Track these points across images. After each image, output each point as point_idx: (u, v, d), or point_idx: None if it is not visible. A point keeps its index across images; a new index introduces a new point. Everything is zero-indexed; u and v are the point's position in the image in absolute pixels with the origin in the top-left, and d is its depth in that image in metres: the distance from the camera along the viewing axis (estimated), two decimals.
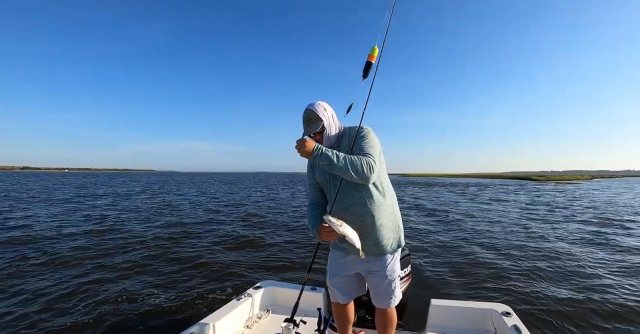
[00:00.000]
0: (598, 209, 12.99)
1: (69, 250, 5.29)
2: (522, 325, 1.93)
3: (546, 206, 13.83)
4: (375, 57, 1.61)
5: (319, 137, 1.58)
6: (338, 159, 1.39)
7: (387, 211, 1.59)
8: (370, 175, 1.45)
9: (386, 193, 1.61)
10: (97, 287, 3.78)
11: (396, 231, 1.63)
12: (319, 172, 1.68)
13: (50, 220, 8.44)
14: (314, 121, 1.54)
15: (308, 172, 1.78)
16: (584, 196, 20.36)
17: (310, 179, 1.77)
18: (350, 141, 1.57)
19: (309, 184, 1.80)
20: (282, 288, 2.55)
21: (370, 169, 1.45)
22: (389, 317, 1.71)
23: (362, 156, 1.47)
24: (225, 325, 2.05)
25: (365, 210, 1.54)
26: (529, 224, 8.75)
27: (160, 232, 7.02)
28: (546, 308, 3.38)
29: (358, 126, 1.60)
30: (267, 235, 6.97)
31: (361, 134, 1.57)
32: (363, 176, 1.44)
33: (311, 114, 1.55)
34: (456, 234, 7.41)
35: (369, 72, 1.62)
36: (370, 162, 1.45)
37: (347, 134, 1.63)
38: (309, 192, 1.81)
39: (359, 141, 1.55)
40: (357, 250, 1.51)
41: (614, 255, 5.54)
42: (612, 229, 8.24)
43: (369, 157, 1.47)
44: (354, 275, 1.73)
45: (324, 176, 1.65)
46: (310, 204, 1.77)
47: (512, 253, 5.59)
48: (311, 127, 1.54)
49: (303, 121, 1.58)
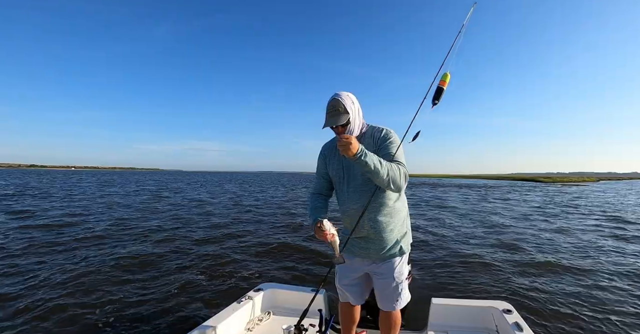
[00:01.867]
0: (606, 209, 12.83)
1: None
2: (524, 322, 1.92)
3: (549, 206, 13.71)
4: (447, 83, 1.59)
5: (341, 130, 1.47)
6: (382, 166, 1.32)
7: (399, 216, 1.58)
8: (404, 186, 1.43)
9: (400, 198, 1.59)
10: (96, 286, 3.80)
11: (405, 236, 1.61)
12: (334, 166, 1.61)
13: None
14: (340, 113, 1.43)
15: (319, 161, 1.70)
16: (591, 197, 20.14)
17: (320, 168, 1.70)
18: (375, 142, 1.51)
19: (317, 173, 1.73)
20: (283, 290, 2.55)
21: (406, 179, 1.42)
22: (393, 319, 1.69)
23: (398, 164, 1.41)
24: (226, 328, 2.05)
25: (378, 215, 1.51)
26: (530, 224, 8.69)
27: (160, 231, 7.04)
28: (547, 305, 3.36)
29: (383, 129, 1.54)
30: (267, 236, 6.96)
31: (389, 138, 1.50)
32: (399, 186, 1.40)
33: (338, 104, 1.43)
34: (457, 232, 7.39)
35: (440, 99, 1.59)
36: (406, 173, 1.42)
37: (371, 134, 1.54)
38: (315, 181, 1.74)
39: (388, 146, 1.48)
40: (334, 256, 1.50)
41: (616, 255, 5.49)
42: (619, 230, 8.14)
43: (403, 167, 1.42)
44: (364, 276, 1.71)
45: (338, 173, 1.59)
46: (313, 194, 1.70)
47: (513, 251, 5.58)
48: (335, 118, 1.43)
49: (327, 110, 1.46)
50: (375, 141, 1.52)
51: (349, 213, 1.57)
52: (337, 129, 1.48)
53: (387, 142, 1.49)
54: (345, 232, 1.68)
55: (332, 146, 1.66)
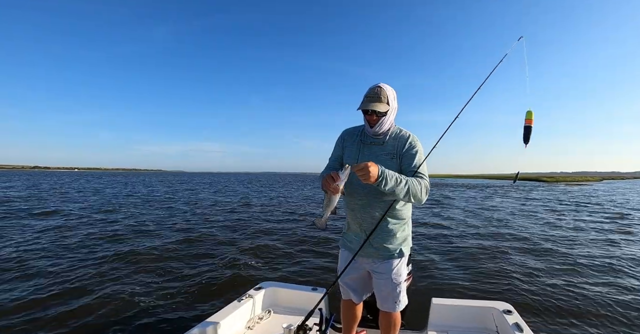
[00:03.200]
0: (607, 209, 12.75)
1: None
2: (524, 323, 1.92)
3: (554, 205, 13.62)
4: (533, 120, 1.65)
5: (376, 119, 1.47)
6: (402, 185, 1.31)
7: (402, 218, 1.59)
8: (425, 199, 1.42)
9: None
10: (95, 285, 3.83)
11: (406, 239, 1.62)
12: (350, 154, 1.60)
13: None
14: (381, 101, 1.43)
15: (337, 143, 1.70)
16: (595, 196, 20.00)
17: (337, 150, 1.69)
18: (399, 146, 1.50)
19: (332, 155, 1.72)
20: (283, 288, 2.55)
21: (427, 193, 1.41)
22: (393, 319, 1.70)
23: (419, 178, 1.41)
24: (226, 326, 2.06)
25: (382, 214, 1.51)
26: (530, 224, 8.65)
27: (161, 230, 7.08)
28: (548, 305, 3.35)
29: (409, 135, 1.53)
30: (267, 235, 6.97)
31: (414, 147, 1.49)
32: (419, 200, 1.40)
33: (382, 93, 1.44)
34: (457, 232, 7.36)
35: (529, 137, 1.64)
36: (427, 186, 1.42)
37: (396, 136, 1.54)
38: (330, 161, 1.71)
39: (413, 155, 1.47)
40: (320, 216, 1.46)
41: (618, 255, 5.44)
42: (623, 230, 8.08)
43: (425, 180, 1.42)
44: (366, 274, 1.71)
45: (352, 162, 1.53)
46: (327, 170, 1.65)
47: (513, 251, 5.56)
48: (376, 104, 1.42)
49: (367, 94, 1.46)
50: (399, 144, 1.51)
51: (353, 208, 1.58)
52: (371, 117, 1.47)
53: (412, 151, 1.48)
54: (346, 227, 1.69)
55: (354, 133, 1.64)
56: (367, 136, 1.58)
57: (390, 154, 1.51)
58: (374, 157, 1.52)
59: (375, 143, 1.56)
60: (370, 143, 1.57)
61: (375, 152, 1.54)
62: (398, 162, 1.50)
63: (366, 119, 1.51)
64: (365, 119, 1.52)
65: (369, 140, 1.57)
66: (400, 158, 1.50)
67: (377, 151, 1.54)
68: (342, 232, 1.76)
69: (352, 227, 1.65)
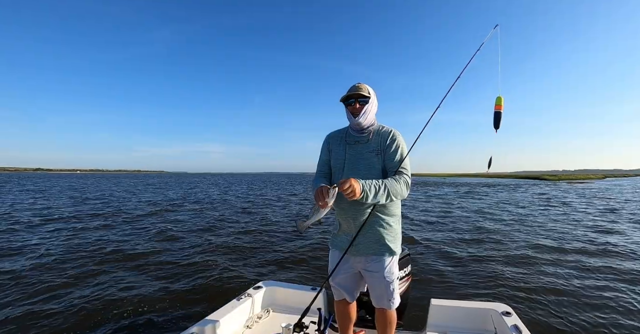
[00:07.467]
0: (609, 208, 12.69)
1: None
2: (522, 325, 1.91)
3: (550, 206, 13.57)
4: (503, 106, 1.68)
5: (360, 107, 1.57)
6: (380, 190, 1.39)
7: (392, 217, 1.60)
8: (406, 194, 1.49)
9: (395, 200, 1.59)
10: (97, 283, 3.85)
11: (395, 237, 1.62)
12: (336, 157, 1.67)
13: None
14: (362, 91, 1.56)
15: (323, 148, 1.76)
16: (596, 195, 19.94)
17: (324, 155, 1.76)
18: (382, 142, 1.58)
19: (320, 160, 1.78)
20: (282, 287, 2.55)
21: (408, 188, 1.49)
22: (388, 318, 1.70)
23: (399, 175, 1.49)
24: (225, 325, 2.06)
25: (371, 212, 1.53)
26: (531, 224, 8.62)
27: (162, 228, 7.11)
28: (547, 307, 3.34)
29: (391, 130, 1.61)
30: (267, 235, 7.00)
31: (396, 142, 1.57)
32: (401, 197, 1.49)
33: (361, 85, 1.58)
34: (456, 233, 7.33)
35: (500, 122, 1.68)
36: (407, 182, 1.49)
37: (379, 132, 1.61)
38: (318, 167, 1.77)
39: (395, 151, 1.55)
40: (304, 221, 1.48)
41: (624, 256, 5.42)
42: (623, 231, 8.05)
43: (406, 176, 1.50)
44: (357, 273, 1.72)
45: (339, 163, 1.64)
46: (318, 177, 1.71)
47: (513, 252, 5.52)
48: (358, 93, 1.55)
49: (351, 89, 1.58)
50: (382, 140, 1.58)
51: (342, 206, 1.58)
52: (354, 106, 1.57)
53: (394, 146, 1.55)
54: (336, 227, 1.69)
55: (339, 136, 1.73)
56: (351, 135, 1.66)
57: (375, 150, 1.57)
58: (360, 155, 1.59)
59: (359, 142, 1.62)
60: (355, 143, 1.63)
61: (360, 151, 1.60)
62: (382, 157, 1.57)
63: (349, 111, 1.60)
64: (349, 111, 1.60)
65: (353, 140, 1.64)
66: (384, 153, 1.56)
67: (362, 150, 1.60)
68: (332, 232, 1.76)
69: (342, 226, 1.65)
